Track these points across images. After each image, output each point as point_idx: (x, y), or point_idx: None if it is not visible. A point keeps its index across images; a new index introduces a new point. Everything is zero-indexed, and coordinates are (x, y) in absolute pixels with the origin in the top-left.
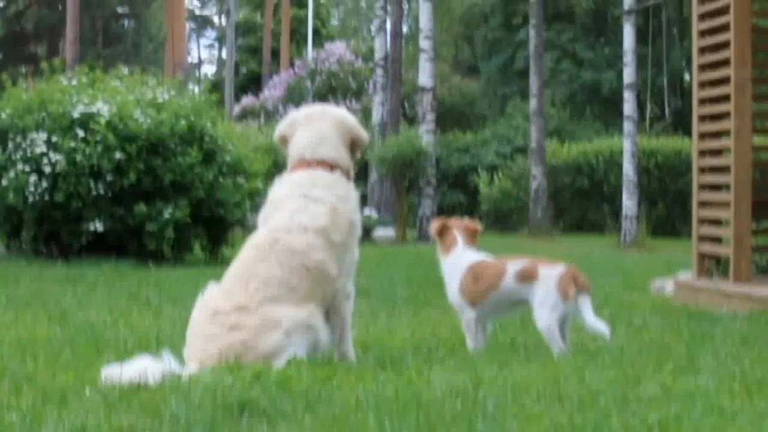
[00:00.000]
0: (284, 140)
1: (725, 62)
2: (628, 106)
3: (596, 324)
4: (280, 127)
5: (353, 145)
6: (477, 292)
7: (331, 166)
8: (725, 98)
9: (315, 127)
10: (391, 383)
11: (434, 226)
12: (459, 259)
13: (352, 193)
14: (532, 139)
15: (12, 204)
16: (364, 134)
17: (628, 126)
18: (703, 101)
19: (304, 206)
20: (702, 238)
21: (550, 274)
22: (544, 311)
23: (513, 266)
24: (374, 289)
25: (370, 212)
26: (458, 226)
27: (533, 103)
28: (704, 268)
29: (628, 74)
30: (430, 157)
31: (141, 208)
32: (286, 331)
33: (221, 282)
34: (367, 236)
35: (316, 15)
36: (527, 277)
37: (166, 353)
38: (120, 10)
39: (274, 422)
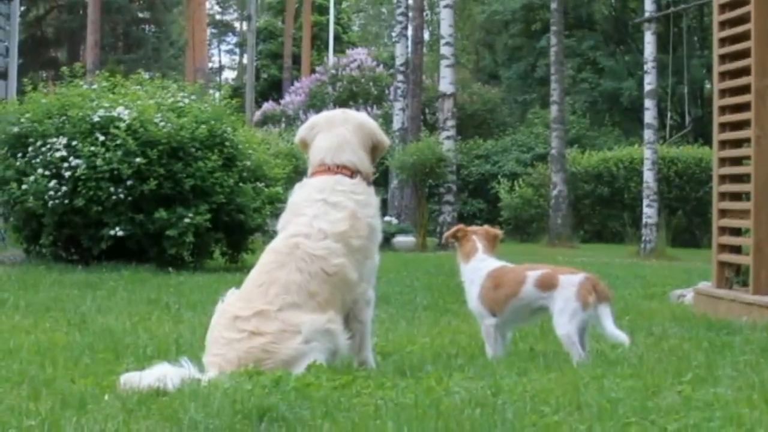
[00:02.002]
0: (305, 144)
1: (746, 70)
2: (649, 114)
3: (616, 333)
4: (301, 132)
5: (374, 149)
6: (497, 299)
7: (352, 171)
8: (746, 106)
9: (336, 132)
10: (411, 391)
11: (451, 230)
12: (479, 265)
13: (373, 198)
14: (553, 147)
15: (32, 209)
16: (384, 138)
17: (648, 134)
18: (723, 109)
19: (323, 212)
20: (722, 247)
21: (571, 281)
22: (564, 318)
23: (533, 273)
24: (394, 296)
25: (390, 219)
26: (478, 232)
27: (554, 110)
28: (724, 278)
29: (649, 82)
30: (451, 164)
31: (161, 213)
32: (306, 338)
33: (241, 288)
34: (387, 243)
35: (337, 21)
36: (547, 284)
37: (185, 359)
38: (141, 15)
39: (294, 429)
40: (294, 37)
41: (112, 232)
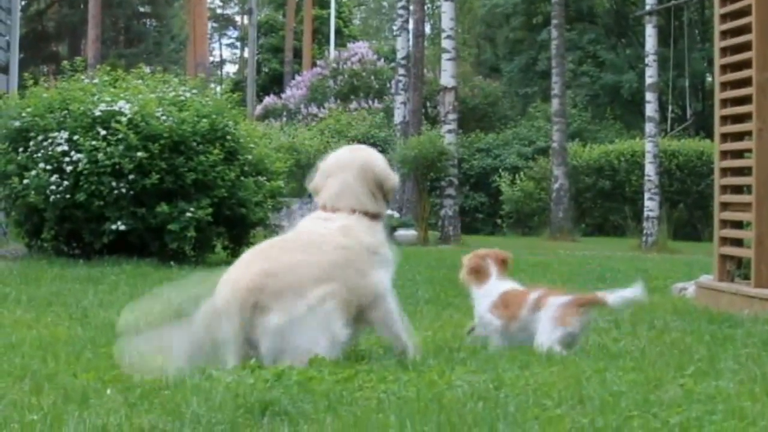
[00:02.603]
0: (317, 191)
1: (747, 63)
2: (650, 108)
3: (628, 293)
4: (315, 178)
5: (381, 187)
6: (508, 318)
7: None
8: (747, 99)
9: (339, 177)
10: (413, 384)
11: (469, 263)
12: (492, 290)
13: (376, 229)
14: (554, 140)
15: (33, 203)
16: (390, 176)
17: (649, 127)
18: (724, 102)
19: (322, 225)
20: (723, 240)
21: (556, 300)
22: (545, 331)
23: (532, 295)
24: (396, 290)
25: (392, 213)
26: (491, 263)
27: (555, 103)
28: (725, 271)
29: (650, 75)
30: (452, 158)
31: (163, 207)
32: (308, 305)
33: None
34: (389, 237)
35: (338, 14)
36: (538, 306)
37: None
38: (142, 9)
39: (296, 423)
40: (295, 31)
41: (113, 227)
